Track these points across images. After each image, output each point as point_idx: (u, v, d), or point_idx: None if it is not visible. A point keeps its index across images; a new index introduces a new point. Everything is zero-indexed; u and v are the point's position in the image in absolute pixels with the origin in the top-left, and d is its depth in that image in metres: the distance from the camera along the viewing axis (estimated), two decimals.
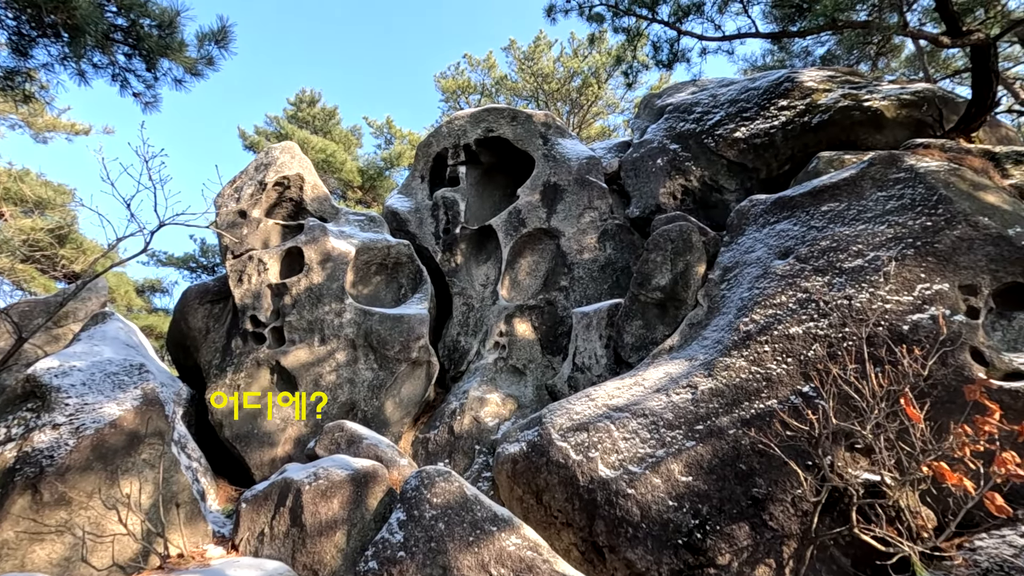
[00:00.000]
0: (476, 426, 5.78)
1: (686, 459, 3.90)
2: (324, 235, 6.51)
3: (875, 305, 3.91)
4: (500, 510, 3.72)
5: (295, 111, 18.65)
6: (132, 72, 4.22)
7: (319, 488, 3.94)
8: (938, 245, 3.98)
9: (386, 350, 6.09)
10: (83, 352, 5.08)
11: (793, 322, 4.17)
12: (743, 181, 6.29)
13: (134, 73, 4.23)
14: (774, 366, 4.05)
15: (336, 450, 4.80)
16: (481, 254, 7.44)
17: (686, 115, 6.99)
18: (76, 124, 11.84)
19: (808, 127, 5.94)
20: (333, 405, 5.92)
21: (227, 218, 6.65)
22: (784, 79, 6.43)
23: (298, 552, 3.83)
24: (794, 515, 3.49)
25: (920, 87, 5.96)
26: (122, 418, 4.15)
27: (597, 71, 15.80)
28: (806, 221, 4.79)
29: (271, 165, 6.87)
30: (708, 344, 4.55)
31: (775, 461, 3.67)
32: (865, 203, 4.54)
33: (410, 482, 3.82)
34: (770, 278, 4.58)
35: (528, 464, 4.31)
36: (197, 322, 6.78)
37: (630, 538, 3.74)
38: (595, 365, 5.61)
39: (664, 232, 5.37)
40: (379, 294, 6.91)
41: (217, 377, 6.07)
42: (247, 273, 6.35)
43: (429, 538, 3.53)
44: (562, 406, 4.63)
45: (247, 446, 5.68)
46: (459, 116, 7.80)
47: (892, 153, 4.69)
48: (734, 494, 3.67)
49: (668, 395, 4.31)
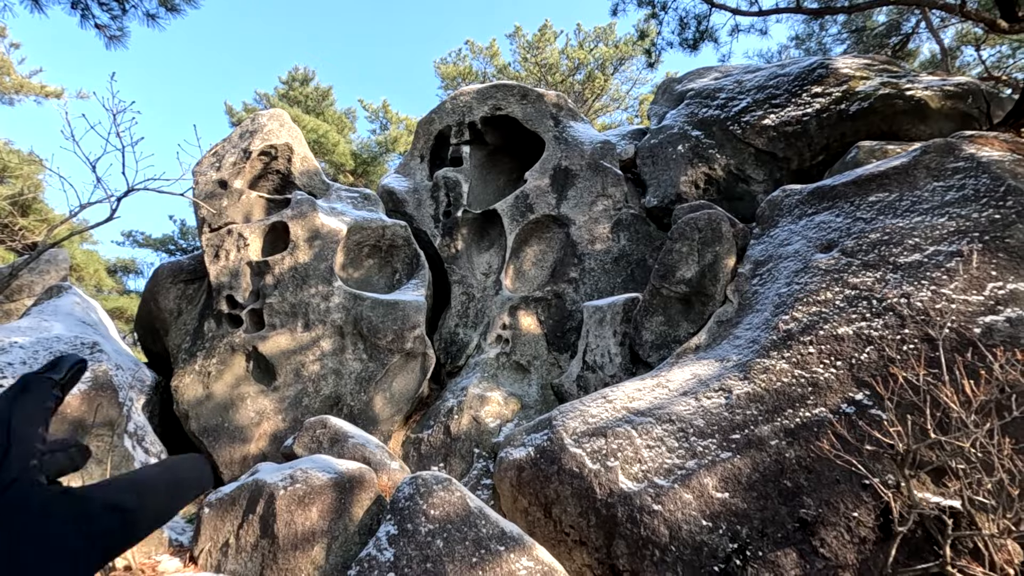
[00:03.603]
0: (475, 427, 5.23)
1: (721, 472, 3.41)
2: (313, 210, 5.92)
3: (939, 304, 3.46)
4: (509, 526, 3.19)
5: (287, 89, 17.87)
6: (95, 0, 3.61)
7: (296, 493, 3.38)
8: (1009, 240, 3.55)
9: (377, 339, 5.51)
10: (29, 327, 4.45)
11: (841, 321, 3.71)
12: (772, 171, 5.84)
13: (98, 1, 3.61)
14: (821, 370, 3.59)
15: (317, 449, 4.23)
16: (484, 240, 6.89)
17: (709, 101, 6.52)
18: (46, 86, 10.98)
19: (845, 115, 5.50)
20: (316, 398, 5.33)
21: (205, 188, 6.01)
22: (818, 65, 6.00)
23: (268, 568, 3.26)
24: (850, 542, 3.02)
25: (963, 79, 5.57)
26: (65, 404, 3.54)
27: (604, 64, 15.33)
28: (851, 212, 4.35)
29: (257, 132, 6.24)
30: (742, 344, 4.08)
31: (826, 479, 3.21)
32: (920, 193, 4.10)
33: (403, 490, 3.28)
34: (812, 273, 4.13)
35: (536, 472, 3.80)
36: (168, 303, 6.14)
37: (656, 562, 3.25)
38: (608, 364, 5.10)
39: (691, 220, 4.89)
40: (371, 278, 6.33)
41: (185, 363, 5.44)
42: (225, 248, 5.73)
43: (424, 557, 3.00)
44: (575, 408, 4.13)
45: (216, 441, 5.06)
46: (465, 92, 7.25)
47: (948, 141, 4.27)
48: (778, 515, 3.19)
49: (698, 399, 3.83)
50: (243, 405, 5.27)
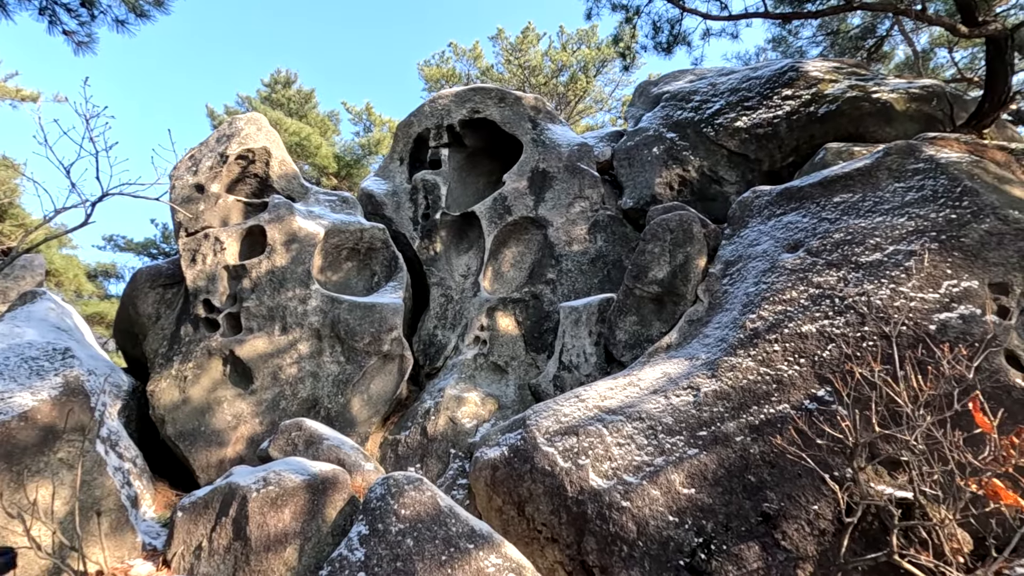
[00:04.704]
0: (452, 428, 5.27)
1: (688, 469, 3.49)
2: (290, 214, 5.92)
3: (898, 302, 3.56)
4: (479, 525, 3.24)
5: (269, 92, 17.76)
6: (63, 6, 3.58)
7: (268, 495, 3.39)
8: (965, 239, 3.66)
9: (355, 342, 5.53)
10: (2, 334, 4.42)
11: (805, 319, 3.81)
12: (744, 173, 5.95)
13: (65, 8, 3.59)
14: (785, 367, 3.68)
15: (293, 452, 4.25)
16: (462, 242, 6.94)
17: (684, 103, 6.62)
18: (22, 90, 10.80)
19: (814, 117, 5.62)
20: (293, 401, 5.34)
21: (182, 192, 5.99)
22: (788, 68, 6.12)
23: (240, 570, 3.28)
24: (810, 535, 3.10)
25: (929, 82, 5.72)
26: (35, 409, 3.53)
27: (586, 66, 15.44)
28: (817, 213, 4.45)
29: (234, 136, 6.24)
30: (710, 342, 4.16)
31: (788, 473, 3.29)
32: (881, 194, 4.22)
33: (375, 490, 3.32)
34: (778, 272, 4.23)
35: (510, 471, 3.85)
36: (147, 308, 6.11)
37: (625, 557, 3.31)
38: (584, 364, 5.16)
39: (663, 221, 4.97)
40: (349, 281, 6.35)
41: (162, 367, 5.42)
42: (201, 252, 5.72)
43: (395, 556, 3.03)
44: (549, 407, 4.18)
45: (192, 445, 5.05)
46: (443, 95, 7.29)
47: (910, 143, 4.39)
48: (742, 509, 3.27)
49: (667, 397, 3.90)
50: (220, 409, 5.27)
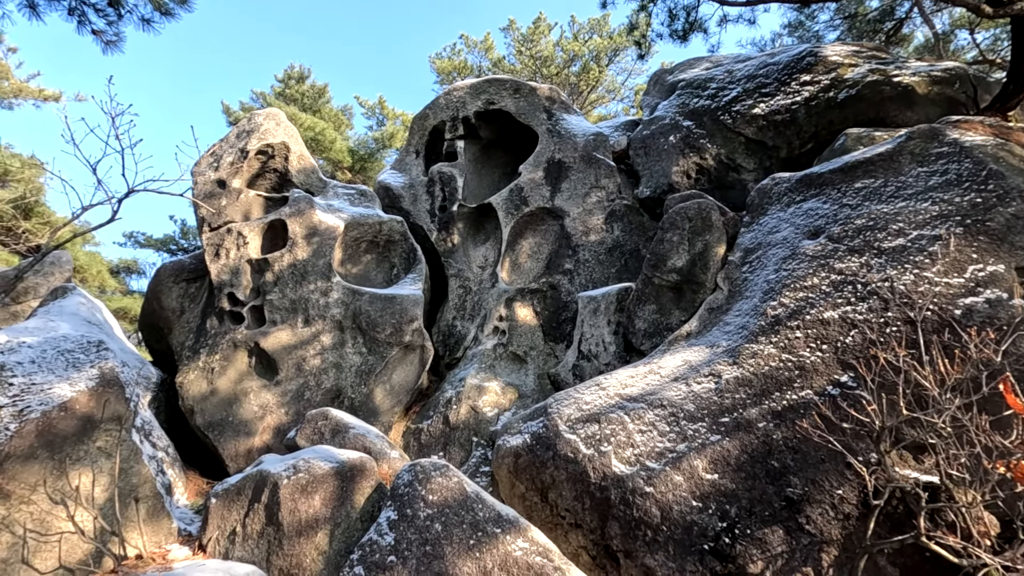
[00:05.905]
0: (473, 416, 5.34)
1: (711, 455, 3.52)
2: (310, 208, 6.01)
3: (922, 287, 3.54)
4: (505, 510, 3.30)
5: (283, 87, 17.89)
6: (91, 6, 3.67)
7: (299, 482, 3.49)
8: (990, 223, 3.62)
9: (376, 333, 5.62)
10: (37, 328, 4.55)
11: (827, 306, 3.80)
12: (762, 160, 5.90)
13: (94, 7, 3.68)
14: (807, 353, 3.68)
15: (319, 440, 4.35)
16: (479, 234, 6.98)
17: (700, 91, 6.57)
18: (44, 90, 11.05)
19: (833, 103, 5.56)
20: (317, 392, 5.45)
21: (204, 188, 6.10)
22: (807, 53, 6.04)
23: (274, 554, 3.39)
24: (834, 519, 3.13)
25: (951, 64, 5.61)
26: (74, 400, 3.66)
27: (598, 55, 15.32)
28: (837, 199, 4.42)
29: (254, 132, 6.32)
30: (731, 330, 4.17)
31: (811, 458, 3.31)
32: (904, 179, 4.17)
33: (402, 477, 3.39)
34: (799, 259, 4.21)
35: (532, 458, 3.91)
36: (171, 302, 6.25)
37: (649, 542, 3.36)
38: (603, 353, 5.20)
39: (681, 210, 4.96)
40: (369, 274, 6.43)
41: (189, 359, 5.56)
42: (225, 247, 5.83)
43: (424, 541, 3.11)
44: (570, 395, 4.23)
45: (221, 435, 5.19)
46: (458, 87, 7.30)
47: (932, 126, 4.33)
48: (766, 494, 3.30)
49: (688, 384, 3.93)
50: (247, 400, 5.39)
